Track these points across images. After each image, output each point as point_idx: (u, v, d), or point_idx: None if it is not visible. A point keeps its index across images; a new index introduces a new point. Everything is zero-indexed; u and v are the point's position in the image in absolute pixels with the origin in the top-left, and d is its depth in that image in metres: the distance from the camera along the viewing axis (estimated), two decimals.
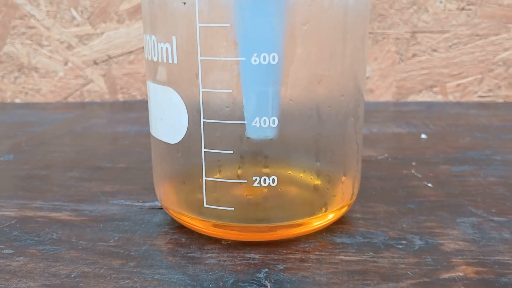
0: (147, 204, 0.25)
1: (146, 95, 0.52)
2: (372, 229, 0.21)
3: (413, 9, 0.46)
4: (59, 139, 0.37)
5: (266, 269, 0.18)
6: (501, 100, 0.47)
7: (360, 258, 0.19)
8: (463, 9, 0.45)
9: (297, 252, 0.20)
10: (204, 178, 0.19)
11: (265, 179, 0.19)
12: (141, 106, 0.49)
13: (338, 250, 0.20)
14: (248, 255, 0.19)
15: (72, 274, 0.18)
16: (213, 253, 0.20)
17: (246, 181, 0.19)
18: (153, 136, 0.21)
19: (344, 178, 0.21)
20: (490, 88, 0.47)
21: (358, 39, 0.20)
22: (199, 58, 0.18)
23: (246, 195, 0.19)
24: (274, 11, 0.17)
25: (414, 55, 0.47)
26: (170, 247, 0.20)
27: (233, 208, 0.19)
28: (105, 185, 0.27)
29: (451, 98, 0.47)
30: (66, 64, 0.52)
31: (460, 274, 0.18)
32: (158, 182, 0.22)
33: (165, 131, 0.20)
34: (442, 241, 0.20)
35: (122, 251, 0.20)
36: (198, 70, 0.18)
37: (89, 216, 0.23)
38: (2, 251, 0.20)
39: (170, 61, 0.19)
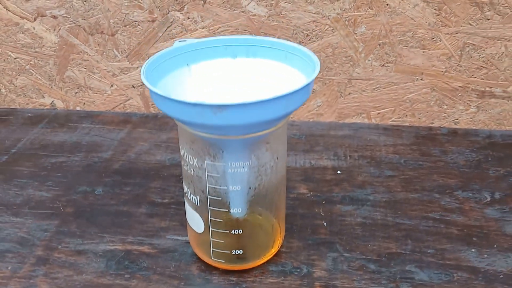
0: (185, 238, 0.50)
1: None
2: (287, 261, 0.48)
3: (349, 64, 0.67)
4: (124, 168, 0.62)
5: (238, 286, 0.45)
6: (407, 124, 0.71)
7: (277, 280, 0.45)
8: (383, 65, 0.67)
9: (252, 277, 0.46)
10: (212, 249, 0.45)
11: (236, 251, 0.45)
12: (167, 122, 0.73)
13: (269, 275, 0.46)
14: (230, 278, 0.46)
15: None
16: (216, 276, 0.46)
17: (229, 252, 0.45)
18: (189, 225, 0.47)
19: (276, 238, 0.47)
20: (400, 116, 0.70)
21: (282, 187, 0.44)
22: (209, 207, 0.43)
23: (229, 257, 0.45)
24: (241, 190, 0.42)
25: (350, 93, 0.70)
26: (197, 272, 0.47)
27: (223, 261, 0.45)
28: (161, 221, 0.53)
29: (374, 121, 0.71)
30: (112, 86, 0.75)
31: None
32: (192, 242, 0.48)
33: (194, 226, 0.46)
34: (314, 270, 0.46)
35: (177, 275, 0.46)
36: (208, 210, 0.43)
37: (157, 249, 0.49)
38: (124, 276, 0.47)
39: (196, 203, 0.44)
